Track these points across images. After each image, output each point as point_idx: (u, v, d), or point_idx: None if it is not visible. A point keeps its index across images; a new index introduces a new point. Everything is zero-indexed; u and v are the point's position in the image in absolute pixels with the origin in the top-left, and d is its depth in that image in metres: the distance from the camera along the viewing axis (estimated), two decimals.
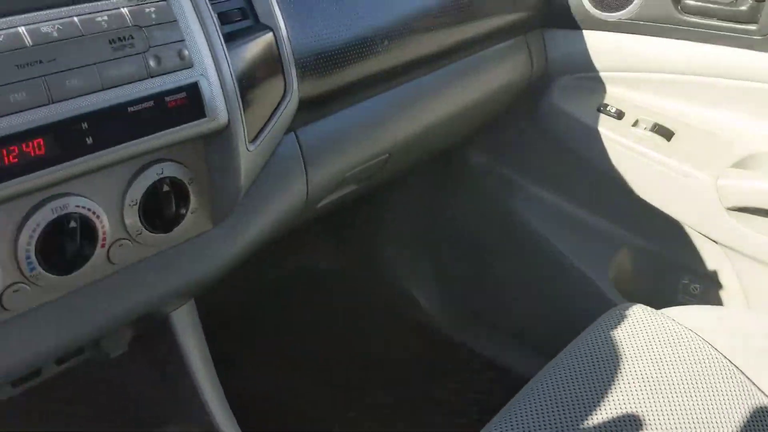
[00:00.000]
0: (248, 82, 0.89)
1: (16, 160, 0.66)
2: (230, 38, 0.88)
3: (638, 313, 1.08)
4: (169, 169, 0.85)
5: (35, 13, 0.68)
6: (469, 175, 1.82)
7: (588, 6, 1.50)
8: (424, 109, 1.32)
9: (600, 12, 1.49)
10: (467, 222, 1.87)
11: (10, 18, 0.66)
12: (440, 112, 1.36)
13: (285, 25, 0.97)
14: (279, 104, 0.97)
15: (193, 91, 0.80)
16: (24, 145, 0.67)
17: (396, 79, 1.21)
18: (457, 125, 1.47)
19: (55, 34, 0.69)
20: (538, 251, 1.68)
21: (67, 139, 0.70)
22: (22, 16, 0.67)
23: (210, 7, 0.84)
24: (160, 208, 0.85)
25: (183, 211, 0.88)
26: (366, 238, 2.06)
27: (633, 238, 1.62)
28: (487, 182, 1.78)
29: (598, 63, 1.54)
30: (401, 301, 1.99)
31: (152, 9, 0.77)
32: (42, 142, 0.68)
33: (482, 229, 1.84)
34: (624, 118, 1.53)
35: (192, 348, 1.12)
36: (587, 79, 1.55)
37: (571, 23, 1.53)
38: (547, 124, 1.60)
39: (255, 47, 0.91)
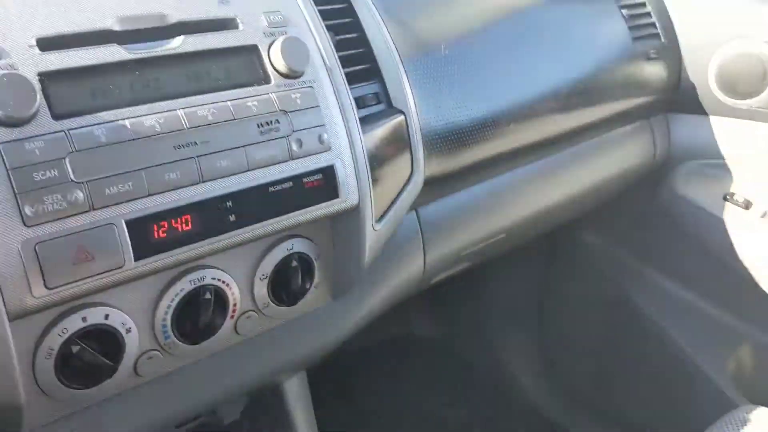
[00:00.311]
0: (378, 163, 0.91)
1: (165, 235, 0.70)
2: (364, 121, 0.90)
3: (761, 417, 1.01)
4: (298, 245, 0.87)
5: (194, 97, 0.73)
6: (580, 254, 1.77)
7: (717, 92, 1.46)
8: (544, 190, 1.30)
9: (730, 98, 1.44)
10: (576, 302, 1.81)
11: (172, 101, 0.71)
12: (560, 194, 1.34)
13: (416, 108, 0.99)
14: (405, 184, 0.98)
15: (329, 173, 0.82)
16: (173, 221, 0.70)
17: (519, 160, 1.21)
18: (576, 206, 1.44)
19: (210, 117, 0.73)
20: (653, 340, 1.60)
21: (213, 216, 0.73)
22: (183, 99, 0.72)
23: (349, 93, 0.87)
24: (288, 282, 0.87)
25: (308, 285, 0.90)
26: (467, 308, 2.04)
27: (756, 333, 1.52)
28: (600, 263, 1.73)
29: (725, 150, 1.48)
30: (501, 377, 1.94)
31: (298, 95, 0.80)
32: (189, 219, 0.71)
33: (592, 311, 1.78)
34: (752, 208, 1.46)
35: (301, 419, 1.13)
36: (713, 166, 1.50)
37: (697, 108, 1.49)
38: (669, 210, 1.55)
39: (387, 130, 0.94)
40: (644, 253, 1.67)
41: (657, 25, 1.44)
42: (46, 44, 0.65)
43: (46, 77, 0.64)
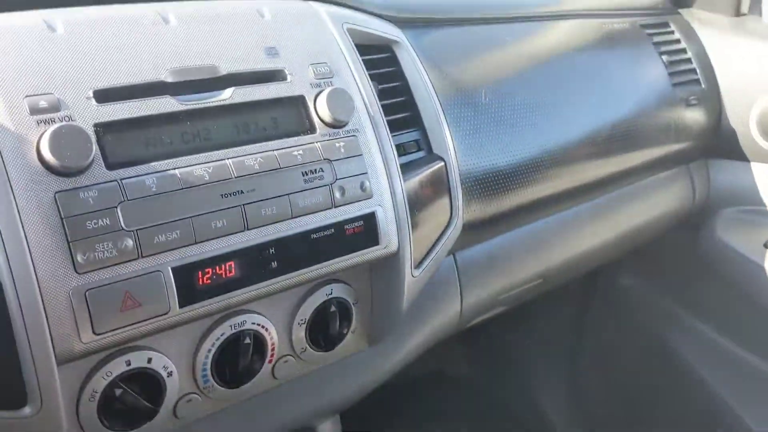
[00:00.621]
0: (418, 209, 0.92)
1: (209, 282, 0.71)
2: (405, 168, 0.91)
3: None
4: (337, 290, 0.88)
5: (242, 147, 0.74)
6: (617, 297, 1.75)
7: (758, 138, 1.44)
8: (583, 235, 1.29)
9: None
10: (612, 344, 1.78)
11: (221, 151, 0.73)
12: (598, 239, 1.33)
13: (456, 155, 1.00)
14: (445, 230, 0.98)
15: (370, 220, 0.83)
16: (218, 268, 0.71)
17: (558, 205, 1.21)
18: (614, 250, 1.43)
19: (257, 166, 0.74)
20: (690, 388, 1.57)
21: (256, 263, 0.74)
22: (231, 149, 0.73)
23: (391, 140, 0.88)
24: (326, 327, 0.87)
25: (345, 330, 0.90)
26: (500, 347, 2.02)
27: None
28: (638, 307, 1.70)
29: (766, 196, 1.46)
30: (534, 418, 1.91)
31: (341, 144, 0.81)
32: (233, 265, 0.72)
33: (628, 354, 1.75)
34: None
35: None
36: (754, 212, 1.47)
37: (738, 154, 1.47)
38: (709, 256, 1.53)
39: (427, 177, 0.94)
40: (683, 298, 1.64)
41: (697, 70, 1.44)
42: (103, 96, 0.67)
43: (101, 128, 0.66)
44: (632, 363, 1.73)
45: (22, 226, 0.61)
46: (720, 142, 1.47)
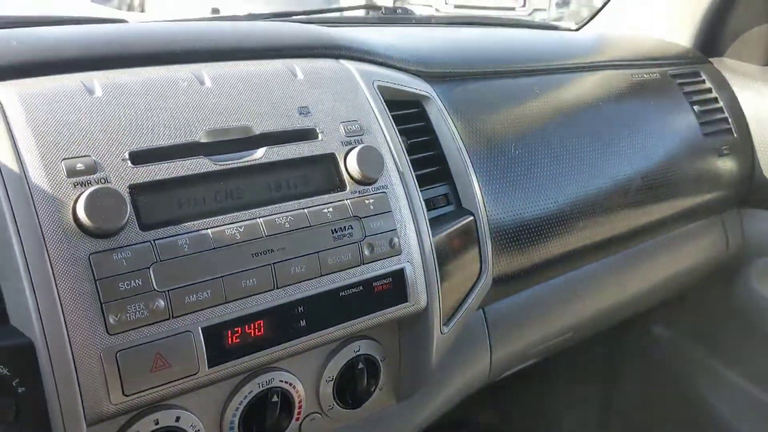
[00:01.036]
0: (447, 264, 0.91)
1: (239, 341, 0.71)
2: (434, 222, 0.91)
3: None
4: (365, 347, 0.87)
5: (273, 206, 0.75)
6: (649, 347, 1.71)
7: None
8: (614, 286, 1.28)
9: None
10: (643, 395, 1.74)
11: (252, 210, 0.73)
12: (630, 290, 1.31)
13: (485, 208, 0.99)
14: (474, 285, 0.98)
15: (398, 276, 0.83)
16: (247, 327, 0.71)
17: (588, 257, 1.19)
18: (646, 301, 1.41)
19: (287, 225, 0.75)
20: None
21: (285, 322, 0.74)
22: (262, 208, 0.74)
23: (420, 196, 0.88)
24: (353, 385, 0.87)
25: (373, 387, 0.89)
26: (527, 395, 1.98)
27: None
28: (670, 357, 1.66)
29: None
30: None
31: (371, 200, 0.82)
32: (262, 324, 0.72)
33: (660, 406, 1.70)
34: None
35: None
36: None
37: None
38: (744, 306, 1.49)
39: (456, 231, 0.94)
40: (718, 349, 1.60)
41: (729, 120, 1.43)
42: (138, 158, 0.68)
43: (136, 190, 0.67)
44: (664, 415, 1.69)
45: (56, 287, 0.62)
46: (753, 192, 1.45)
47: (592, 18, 1.60)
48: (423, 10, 7.96)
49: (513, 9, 8.41)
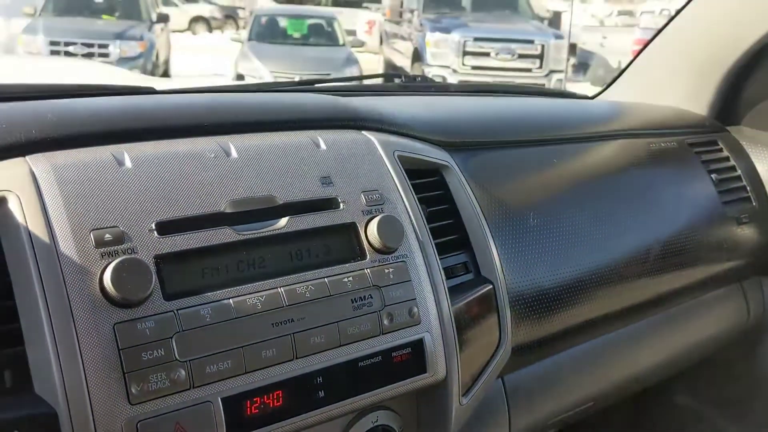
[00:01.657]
0: (466, 333, 0.91)
1: (257, 411, 0.71)
2: (453, 291, 0.91)
3: None
4: (383, 417, 0.86)
5: (294, 275, 0.76)
6: (672, 415, 1.67)
7: None
8: (633, 355, 1.26)
9: None
10: None
11: (274, 280, 0.74)
12: (650, 359, 1.29)
13: (504, 277, 0.99)
14: (493, 354, 0.97)
15: (417, 347, 0.83)
16: (266, 397, 0.71)
17: (607, 326, 1.18)
18: (666, 371, 1.39)
19: (308, 294, 0.75)
20: None
21: (303, 392, 0.74)
22: (283, 277, 0.75)
23: (440, 264, 0.89)
24: None
25: None
26: None
27: None
28: (694, 426, 1.62)
29: None
30: None
31: (391, 269, 0.82)
32: (281, 395, 0.72)
33: None
34: None
35: None
36: None
37: None
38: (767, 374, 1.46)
39: (475, 301, 0.94)
40: (741, 417, 1.57)
41: (748, 188, 1.43)
42: (164, 228, 0.70)
43: (161, 260, 0.68)
44: None
45: (81, 356, 0.63)
46: None
47: (607, 87, 1.62)
48: (440, 71, 8.09)
49: (530, 70, 8.57)
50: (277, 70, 7.57)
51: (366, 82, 1.43)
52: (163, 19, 9.28)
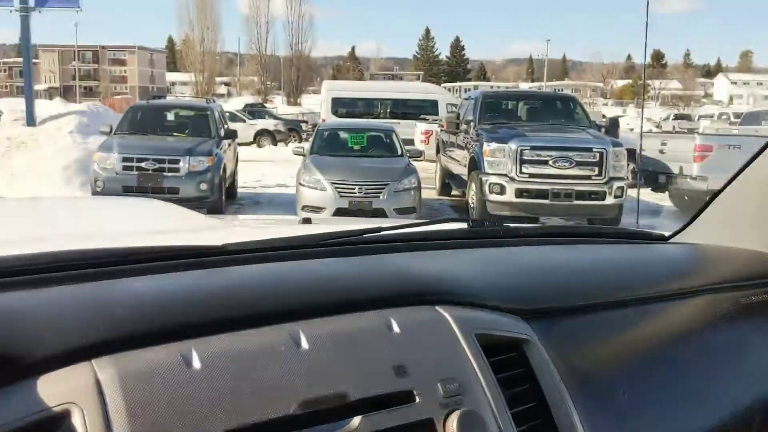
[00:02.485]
0: None
1: None
2: None
3: None
4: None
5: None
6: None
7: None
8: None
9: None
10: None
11: None
12: None
13: None
14: None
15: None
16: None
17: None
18: None
19: None
20: None
21: None
22: None
23: None
24: None
25: None
26: None
27: None
28: None
29: None
30: None
31: None
32: None
33: None
34: None
35: None
36: None
37: None
38: None
39: None
40: None
41: None
42: None
43: None
44: None
45: None
46: None
47: (685, 226, 1.55)
48: (498, 179, 8.09)
49: (589, 177, 8.52)
50: (338, 180, 7.73)
51: (432, 226, 1.39)
52: (231, 135, 9.66)
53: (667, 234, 1.55)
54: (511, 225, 1.47)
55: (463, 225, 1.37)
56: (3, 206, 1.99)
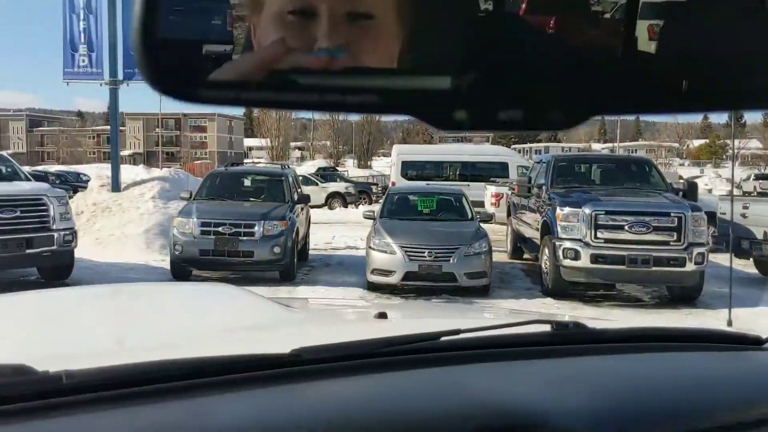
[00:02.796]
0: None
1: None
2: None
3: None
4: None
5: None
6: None
7: None
8: None
9: None
10: None
11: None
12: None
13: None
14: None
15: None
16: None
17: None
18: None
19: None
20: None
21: None
22: None
23: None
24: None
25: None
26: None
27: None
28: None
29: None
30: None
31: None
32: None
33: None
34: None
35: None
36: None
37: None
38: None
39: None
40: None
41: None
42: None
43: None
44: None
45: None
46: None
47: None
48: (572, 243, 7.87)
49: (668, 243, 8.22)
50: (407, 244, 7.73)
51: (514, 329, 1.35)
52: (304, 200, 9.86)
53: (764, 337, 1.47)
54: (597, 328, 1.41)
55: (546, 327, 1.34)
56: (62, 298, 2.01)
